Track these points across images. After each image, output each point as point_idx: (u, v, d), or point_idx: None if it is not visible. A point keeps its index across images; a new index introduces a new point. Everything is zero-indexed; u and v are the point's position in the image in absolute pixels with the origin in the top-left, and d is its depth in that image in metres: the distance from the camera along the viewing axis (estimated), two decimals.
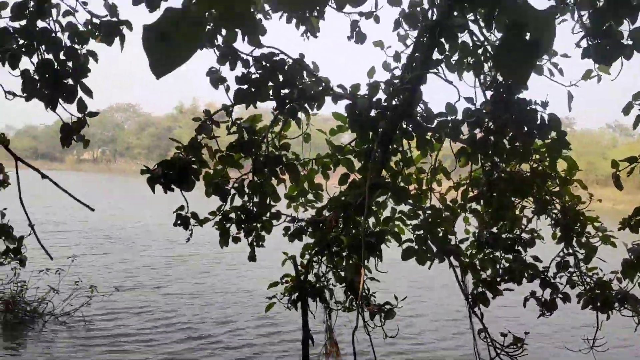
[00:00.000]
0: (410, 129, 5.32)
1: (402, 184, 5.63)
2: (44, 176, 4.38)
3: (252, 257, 6.51)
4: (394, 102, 5.25)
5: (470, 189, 5.81)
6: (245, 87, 5.37)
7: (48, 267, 10.63)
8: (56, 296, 10.65)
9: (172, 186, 5.33)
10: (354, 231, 6.35)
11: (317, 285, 6.80)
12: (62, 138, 5.00)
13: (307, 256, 6.90)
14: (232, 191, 6.08)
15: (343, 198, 5.82)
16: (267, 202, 6.25)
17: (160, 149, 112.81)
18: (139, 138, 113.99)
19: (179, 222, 5.90)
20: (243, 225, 6.40)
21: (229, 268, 17.23)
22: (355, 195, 5.54)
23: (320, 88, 5.61)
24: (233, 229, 6.37)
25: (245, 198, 6.24)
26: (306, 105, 5.67)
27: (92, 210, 4.33)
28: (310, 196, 6.58)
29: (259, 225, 6.43)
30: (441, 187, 6.11)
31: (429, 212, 5.47)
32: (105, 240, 21.60)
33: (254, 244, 6.48)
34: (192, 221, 6.02)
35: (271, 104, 5.77)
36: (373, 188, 5.18)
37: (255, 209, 6.33)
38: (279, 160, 6.03)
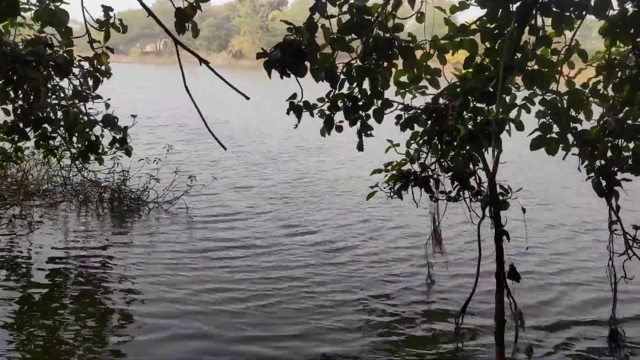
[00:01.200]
0: (551, 3, 4.72)
1: (535, 67, 5.12)
2: (202, 61, 4.19)
3: (360, 147, 6.35)
4: None
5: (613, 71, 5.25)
6: None
7: (147, 157, 10.95)
8: (158, 186, 10.73)
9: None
10: (468, 119, 6.01)
11: (423, 174, 6.64)
12: (177, 23, 4.82)
13: (413, 145, 6.68)
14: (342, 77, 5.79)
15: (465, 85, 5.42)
16: (377, 88, 5.95)
17: (220, 39, 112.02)
18: (199, 28, 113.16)
19: (292, 110, 5.71)
20: (349, 114, 6.18)
21: (339, 167, 15.88)
22: (482, 80, 5.13)
23: None
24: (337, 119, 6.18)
25: (354, 84, 5.95)
26: None
27: (248, 99, 4.14)
28: (422, 82, 6.17)
29: (367, 113, 6.19)
30: (573, 69, 5.57)
31: (565, 97, 5.01)
32: (195, 135, 20.53)
33: (362, 133, 6.29)
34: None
35: None
36: (507, 71, 4.74)
37: (362, 97, 6.06)
38: (390, 43, 5.60)
